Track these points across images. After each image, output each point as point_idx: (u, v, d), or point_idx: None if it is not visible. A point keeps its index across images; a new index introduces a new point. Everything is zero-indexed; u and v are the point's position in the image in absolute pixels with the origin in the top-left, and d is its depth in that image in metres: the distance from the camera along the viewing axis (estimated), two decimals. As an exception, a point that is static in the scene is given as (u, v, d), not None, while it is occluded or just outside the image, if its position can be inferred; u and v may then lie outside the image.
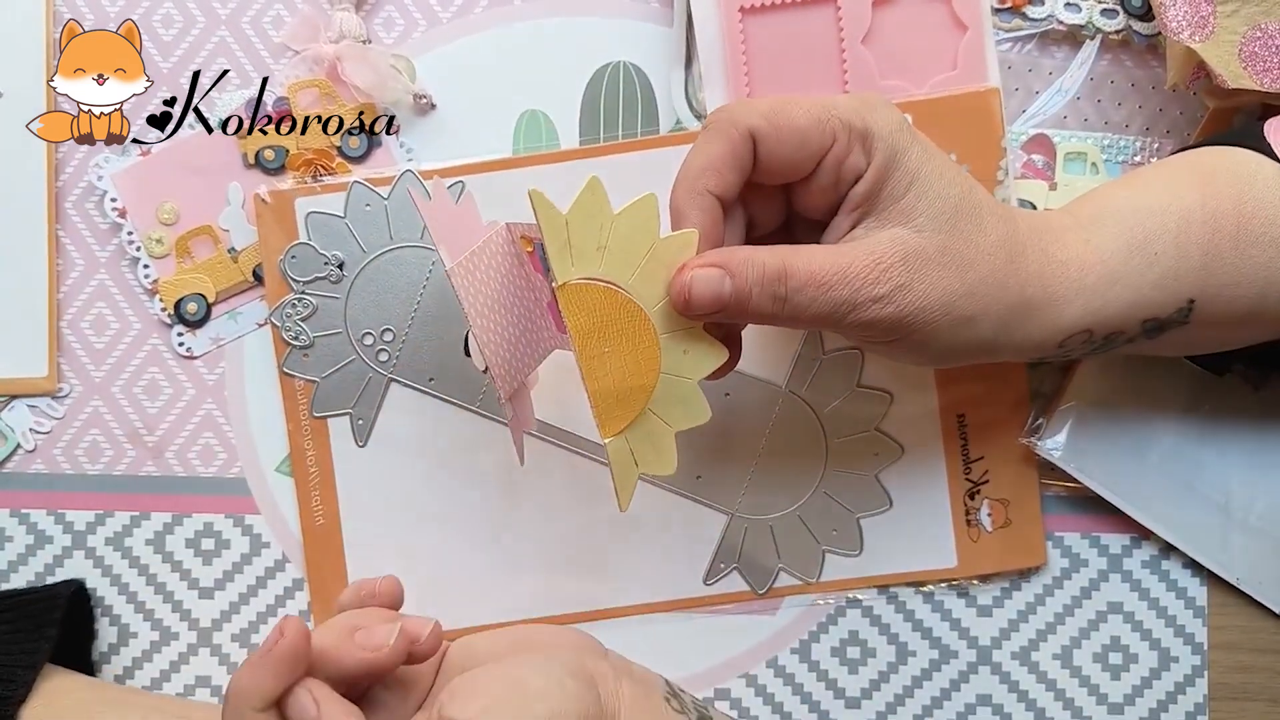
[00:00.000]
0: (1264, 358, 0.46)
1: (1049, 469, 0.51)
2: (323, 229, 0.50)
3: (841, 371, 0.51)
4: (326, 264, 0.50)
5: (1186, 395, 0.50)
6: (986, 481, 0.51)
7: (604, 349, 0.40)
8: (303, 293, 0.50)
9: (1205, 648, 0.51)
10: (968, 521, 0.51)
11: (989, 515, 0.51)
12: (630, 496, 0.42)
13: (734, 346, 0.43)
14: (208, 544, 0.52)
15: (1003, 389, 0.51)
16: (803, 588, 0.51)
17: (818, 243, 0.42)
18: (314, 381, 0.51)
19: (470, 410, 0.51)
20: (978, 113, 0.49)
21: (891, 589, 0.52)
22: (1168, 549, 0.51)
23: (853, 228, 0.41)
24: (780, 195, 0.43)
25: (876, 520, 0.51)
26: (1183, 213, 0.42)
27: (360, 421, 0.51)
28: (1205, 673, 0.51)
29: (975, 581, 0.52)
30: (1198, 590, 0.51)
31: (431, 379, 0.51)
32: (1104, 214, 0.43)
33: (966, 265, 0.40)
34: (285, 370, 0.51)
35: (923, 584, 0.52)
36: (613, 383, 0.40)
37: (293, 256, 0.50)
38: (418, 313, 0.51)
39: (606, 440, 0.41)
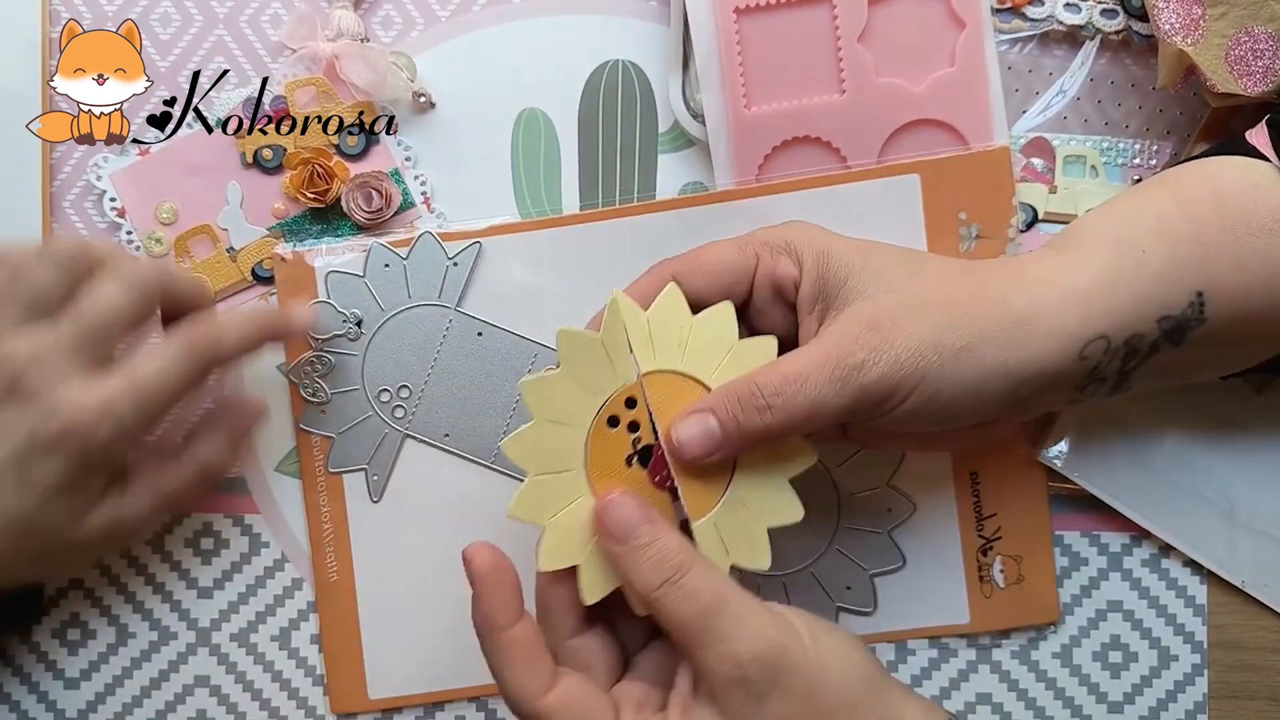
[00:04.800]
0: (1266, 360, 0.46)
1: (1050, 470, 0.50)
2: (342, 288, 0.51)
3: None
4: (345, 322, 0.51)
5: (1188, 399, 0.50)
6: (999, 538, 0.51)
7: None
8: (321, 350, 0.51)
9: (1205, 646, 0.51)
10: (980, 578, 0.51)
11: (1001, 572, 0.51)
12: None
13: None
14: (206, 543, 0.52)
15: (1014, 445, 0.50)
16: None
17: None
18: (330, 437, 0.51)
19: (484, 466, 0.51)
20: (988, 172, 0.49)
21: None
22: (1167, 548, 0.51)
23: (820, 325, 0.41)
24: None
25: (890, 577, 0.51)
26: (1158, 211, 0.42)
27: (375, 477, 0.51)
28: (1205, 671, 0.51)
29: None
30: (1198, 589, 0.51)
31: (447, 435, 0.51)
32: (1076, 231, 0.43)
33: (937, 303, 0.40)
34: (302, 427, 0.51)
35: (935, 639, 0.52)
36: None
37: None
38: (434, 369, 0.51)
39: (695, 523, 0.41)
